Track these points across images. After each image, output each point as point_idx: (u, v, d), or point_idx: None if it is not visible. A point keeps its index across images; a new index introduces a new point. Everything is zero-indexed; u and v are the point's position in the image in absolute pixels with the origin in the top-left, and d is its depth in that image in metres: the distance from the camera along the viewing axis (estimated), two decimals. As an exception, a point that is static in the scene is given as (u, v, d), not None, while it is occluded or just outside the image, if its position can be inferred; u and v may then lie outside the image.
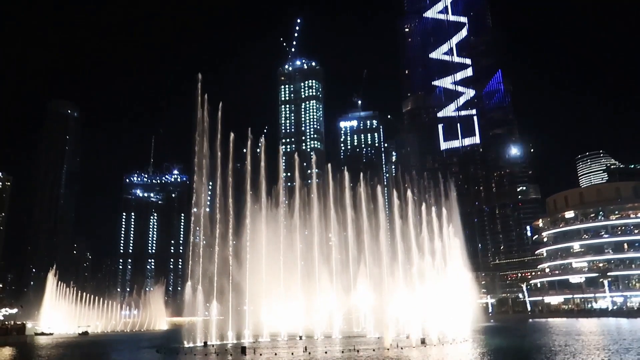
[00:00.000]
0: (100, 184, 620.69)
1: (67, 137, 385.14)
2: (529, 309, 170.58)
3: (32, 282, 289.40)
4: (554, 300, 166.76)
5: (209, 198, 64.42)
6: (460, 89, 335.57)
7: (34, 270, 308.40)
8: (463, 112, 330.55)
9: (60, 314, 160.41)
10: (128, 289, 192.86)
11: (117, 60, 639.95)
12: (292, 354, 44.93)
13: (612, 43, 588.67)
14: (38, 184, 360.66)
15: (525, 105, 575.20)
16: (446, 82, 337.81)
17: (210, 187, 63.78)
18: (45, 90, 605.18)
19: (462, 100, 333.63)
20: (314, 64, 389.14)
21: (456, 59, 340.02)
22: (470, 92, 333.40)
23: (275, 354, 45.10)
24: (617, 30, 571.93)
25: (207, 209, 65.37)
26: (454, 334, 55.54)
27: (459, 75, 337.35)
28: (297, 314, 66.39)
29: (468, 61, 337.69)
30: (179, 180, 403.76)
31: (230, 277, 60.56)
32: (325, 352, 45.13)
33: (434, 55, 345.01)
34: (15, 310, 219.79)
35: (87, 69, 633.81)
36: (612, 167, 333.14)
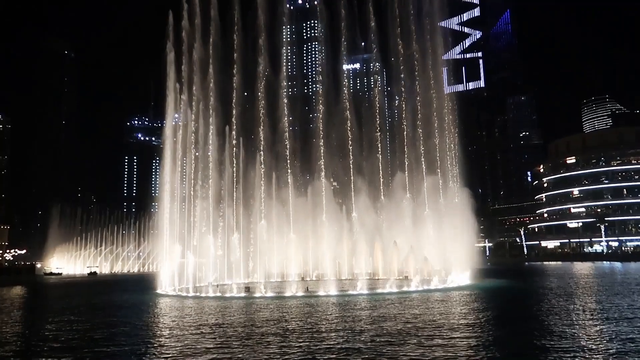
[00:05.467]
0: (101, 128, 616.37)
1: (65, 79, 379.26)
2: (525, 252, 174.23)
3: (39, 224, 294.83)
4: (550, 244, 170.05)
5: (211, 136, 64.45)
6: (466, 30, 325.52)
7: (40, 212, 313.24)
8: (468, 55, 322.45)
9: (67, 254, 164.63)
10: (133, 232, 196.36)
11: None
12: (295, 293, 46.35)
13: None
14: (38, 125, 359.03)
15: (532, 48, 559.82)
16: (452, 23, 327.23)
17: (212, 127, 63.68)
18: (39, 30, 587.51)
19: (468, 42, 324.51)
20: (315, 2, 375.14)
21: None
22: (477, 34, 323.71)
23: (278, 293, 46.55)
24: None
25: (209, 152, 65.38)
26: (453, 277, 56.82)
27: (466, 16, 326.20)
28: (298, 257, 67.98)
29: (476, 0, 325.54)
30: (180, 124, 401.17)
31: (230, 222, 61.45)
32: (326, 291, 46.49)
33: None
34: (24, 251, 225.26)
35: (80, 7, 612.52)
36: (618, 112, 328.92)
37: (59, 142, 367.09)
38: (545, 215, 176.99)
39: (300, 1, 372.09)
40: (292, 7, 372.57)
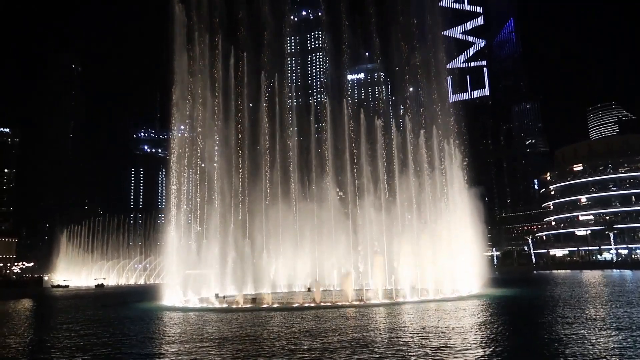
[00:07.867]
0: (108, 140, 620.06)
1: (72, 92, 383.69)
2: (533, 261, 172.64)
3: (46, 237, 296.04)
4: (559, 252, 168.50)
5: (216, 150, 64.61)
6: (470, 38, 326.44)
7: (47, 225, 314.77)
8: (473, 63, 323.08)
9: (75, 267, 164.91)
10: (140, 243, 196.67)
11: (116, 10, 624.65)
12: (303, 303, 46.02)
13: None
14: (45, 139, 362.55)
15: (536, 56, 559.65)
16: (456, 32, 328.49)
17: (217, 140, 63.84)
18: (47, 44, 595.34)
19: (472, 50, 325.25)
20: (320, 14, 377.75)
21: (467, 7, 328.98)
22: (481, 42, 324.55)
23: (286, 303, 46.21)
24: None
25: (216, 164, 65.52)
26: (463, 287, 56.22)
27: (470, 24, 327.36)
28: (303, 268, 67.69)
29: (479, 9, 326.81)
30: (187, 135, 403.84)
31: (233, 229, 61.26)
32: (335, 302, 46.11)
33: (444, 3, 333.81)
34: (31, 264, 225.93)
35: (87, 21, 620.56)
36: (624, 118, 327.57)
37: (65, 154, 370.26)
38: (553, 223, 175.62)
39: (304, 12, 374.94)
40: (296, 19, 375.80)
